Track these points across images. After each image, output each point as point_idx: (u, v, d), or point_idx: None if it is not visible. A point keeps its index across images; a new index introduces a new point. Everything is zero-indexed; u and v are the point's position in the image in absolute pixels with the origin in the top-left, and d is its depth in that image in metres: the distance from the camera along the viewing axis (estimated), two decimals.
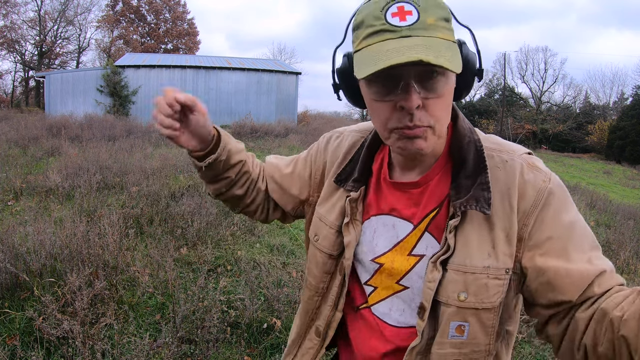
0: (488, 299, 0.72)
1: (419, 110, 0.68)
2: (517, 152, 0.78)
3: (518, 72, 38.07)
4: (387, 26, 0.65)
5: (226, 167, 0.92)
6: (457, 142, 0.78)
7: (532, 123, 31.56)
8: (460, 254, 0.73)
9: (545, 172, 0.75)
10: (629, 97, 30.69)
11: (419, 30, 0.64)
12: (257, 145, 12.22)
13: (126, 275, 3.11)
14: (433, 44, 0.64)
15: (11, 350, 2.21)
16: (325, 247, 0.88)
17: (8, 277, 2.71)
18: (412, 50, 0.62)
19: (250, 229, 4.47)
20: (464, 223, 0.73)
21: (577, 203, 6.87)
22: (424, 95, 0.67)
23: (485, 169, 0.74)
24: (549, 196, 0.72)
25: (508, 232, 0.72)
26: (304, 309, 0.94)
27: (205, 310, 2.63)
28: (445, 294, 0.73)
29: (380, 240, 0.83)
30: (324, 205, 0.91)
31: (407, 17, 0.65)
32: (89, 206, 4.61)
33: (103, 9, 36.37)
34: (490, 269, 0.71)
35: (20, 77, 33.97)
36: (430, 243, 0.77)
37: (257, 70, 20.69)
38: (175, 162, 7.17)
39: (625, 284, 0.72)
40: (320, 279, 0.90)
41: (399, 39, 0.64)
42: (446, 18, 0.67)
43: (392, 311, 0.82)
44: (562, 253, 0.70)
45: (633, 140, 23.80)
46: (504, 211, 0.72)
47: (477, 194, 0.72)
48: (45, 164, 6.90)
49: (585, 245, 0.72)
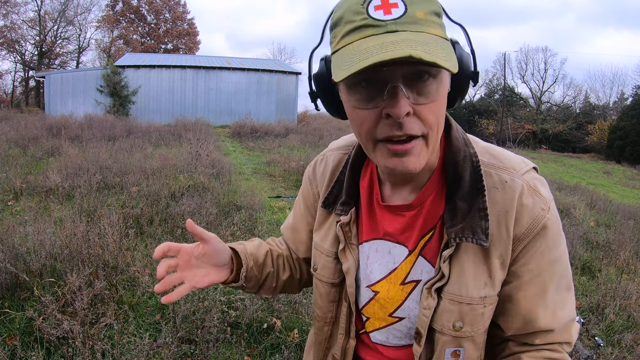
0: (483, 325, 0.71)
1: (408, 118, 0.59)
2: (519, 171, 0.70)
3: (518, 72, 38.09)
4: (370, 21, 0.56)
5: (259, 267, 0.89)
6: (452, 157, 0.70)
7: (532, 123, 31.56)
8: (456, 283, 0.68)
9: (546, 198, 0.69)
10: (629, 97, 30.67)
11: (407, 25, 0.55)
12: (257, 145, 12.22)
13: (126, 275, 3.10)
14: (424, 39, 0.54)
15: (11, 350, 2.21)
16: (325, 277, 0.83)
17: (8, 277, 2.71)
18: (399, 46, 0.52)
19: (250, 229, 4.47)
20: (459, 251, 0.68)
21: (577, 203, 6.88)
22: (415, 101, 0.58)
23: (483, 191, 0.67)
24: (543, 229, 0.67)
25: (504, 258, 0.68)
26: (317, 340, 0.89)
27: (206, 310, 2.63)
28: (440, 323, 0.70)
29: (375, 267, 0.77)
30: (319, 233, 0.85)
31: (392, 9, 0.56)
32: (89, 206, 4.61)
33: (103, 9, 36.46)
34: (487, 298, 0.69)
35: (20, 77, 34.02)
36: (425, 267, 0.73)
37: (257, 70, 20.70)
38: (175, 162, 7.17)
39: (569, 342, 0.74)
40: (327, 308, 0.85)
41: (383, 35, 0.55)
42: (437, 12, 0.59)
43: (389, 339, 0.80)
44: (540, 293, 0.69)
45: (633, 140, 23.78)
46: (500, 237, 0.67)
47: (474, 224, 0.66)
48: (45, 164, 6.90)
49: (563, 285, 0.71)
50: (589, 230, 5.54)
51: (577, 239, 4.78)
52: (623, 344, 2.85)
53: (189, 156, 7.54)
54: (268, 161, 9.31)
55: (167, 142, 10.81)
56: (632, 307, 3.28)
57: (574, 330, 0.74)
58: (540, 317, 0.70)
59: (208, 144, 8.76)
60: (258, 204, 5.25)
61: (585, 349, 2.68)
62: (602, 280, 3.75)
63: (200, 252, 0.78)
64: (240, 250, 0.86)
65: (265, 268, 0.90)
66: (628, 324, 3.14)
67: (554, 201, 0.72)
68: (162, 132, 12.28)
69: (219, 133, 14.98)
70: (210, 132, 12.97)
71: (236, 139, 13.81)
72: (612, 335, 2.99)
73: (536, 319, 0.70)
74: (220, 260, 0.81)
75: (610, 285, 3.61)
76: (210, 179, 6.31)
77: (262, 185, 7.01)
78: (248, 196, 5.39)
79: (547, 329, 0.71)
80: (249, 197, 5.33)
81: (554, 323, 0.71)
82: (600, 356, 2.71)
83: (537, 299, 0.69)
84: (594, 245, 4.95)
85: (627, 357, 2.74)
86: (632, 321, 3.17)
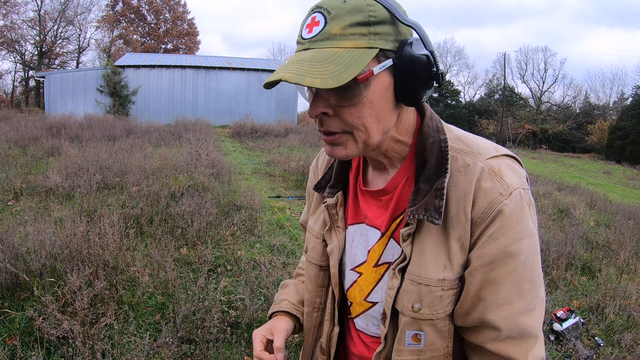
0: (442, 309, 0.70)
1: (328, 117, 0.66)
2: (485, 155, 0.70)
3: (518, 72, 38.11)
4: (299, 38, 0.65)
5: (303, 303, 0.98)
6: (421, 143, 0.73)
7: (532, 123, 31.58)
8: (416, 264, 0.70)
9: (509, 184, 0.67)
10: (629, 97, 30.71)
11: (318, 42, 0.62)
12: (257, 145, 12.22)
13: (126, 275, 3.10)
14: (320, 57, 0.60)
15: (11, 350, 2.21)
16: (313, 259, 0.88)
17: (8, 277, 2.71)
18: (287, 67, 0.61)
19: (250, 229, 4.47)
20: (421, 231, 0.70)
21: (577, 203, 6.88)
22: (337, 103, 0.64)
23: (445, 173, 0.68)
24: (499, 213, 0.65)
25: (463, 241, 0.68)
26: (306, 327, 0.94)
27: (206, 310, 2.63)
28: (401, 303, 0.72)
29: (359, 250, 0.82)
30: (313, 217, 0.91)
31: (313, 28, 0.63)
32: (89, 206, 4.61)
33: (103, 9, 36.48)
34: (446, 281, 0.69)
35: (20, 77, 34.05)
36: (396, 250, 0.75)
37: (257, 70, 20.70)
38: (175, 162, 7.17)
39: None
40: (315, 293, 0.89)
41: (300, 52, 0.64)
42: (362, 22, 0.61)
43: (369, 326, 0.83)
44: (491, 283, 0.67)
45: (633, 140, 23.81)
46: (458, 219, 0.67)
47: (428, 202, 0.67)
48: (45, 164, 6.90)
49: (526, 288, 0.67)
50: (589, 230, 5.55)
51: (577, 239, 4.78)
52: (623, 344, 2.85)
53: (188, 156, 7.54)
54: (268, 161, 9.30)
55: (167, 142, 10.80)
56: (632, 307, 3.28)
57: (531, 354, 0.68)
58: (488, 306, 0.67)
59: (208, 144, 8.76)
60: (258, 204, 5.25)
61: (585, 349, 2.68)
62: (602, 280, 3.75)
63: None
64: (290, 310, 0.96)
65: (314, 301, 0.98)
66: (628, 324, 3.14)
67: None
68: (162, 132, 12.28)
69: (219, 133, 14.98)
70: (210, 132, 12.97)
71: (236, 139, 13.81)
72: (612, 335, 2.99)
73: (485, 305, 0.67)
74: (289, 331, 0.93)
75: (610, 285, 3.61)
76: (210, 178, 6.31)
77: (262, 185, 7.01)
78: (248, 196, 5.39)
79: (494, 325, 0.67)
80: (248, 197, 5.33)
81: (507, 323, 0.67)
82: (600, 356, 2.71)
83: (487, 286, 0.67)
84: (594, 245, 4.95)
85: (627, 357, 2.74)
86: (632, 321, 3.17)
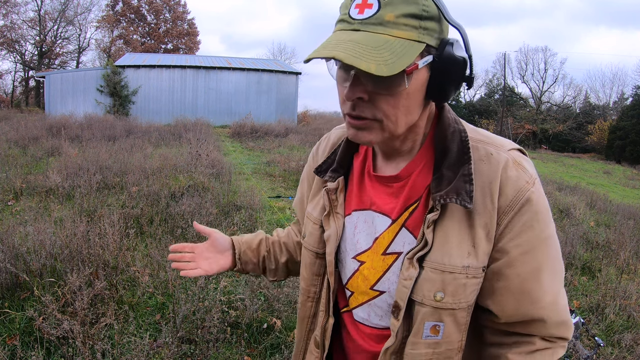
0: (465, 298, 0.69)
1: (363, 102, 0.66)
2: (506, 147, 0.72)
3: (518, 72, 38.07)
4: (346, 17, 0.64)
5: (253, 251, 1.04)
6: (441, 132, 0.73)
7: (532, 123, 31.55)
8: (439, 251, 0.68)
9: (531, 174, 0.70)
10: (629, 97, 30.66)
11: (371, 26, 0.61)
12: (257, 145, 12.22)
13: (126, 275, 3.10)
14: (373, 41, 0.60)
15: (11, 350, 2.21)
16: (310, 245, 0.85)
17: (8, 277, 2.71)
18: (339, 46, 0.60)
19: (250, 228, 4.47)
20: (444, 218, 0.69)
21: (577, 203, 6.88)
22: (374, 90, 0.64)
23: (469, 160, 0.69)
24: (528, 201, 0.67)
25: (489, 229, 0.68)
26: (300, 316, 0.91)
27: (206, 310, 2.63)
28: (421, 293, 0.69)
29: (362, 237, 0.79)
30: (312, 202, 0.89)
31: (365, 10, 0.62)
32: (89, 206, 4.61)
33: (103, 9, 36.39)
34: (470, 268, 0.68)
35: (20, 77, 34.00)
36: (407, 239, 0.73)
37: (257, 70, 20.70)
38: (175, 162, 7.17)
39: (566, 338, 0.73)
40: (310, 281, 0.86)
41: (349, 32, 0.63)
42: (415, 15, 0.61)
43: (371, 317, 0.79)
44: (533, 271, 0.68)
45: (633, 140, 23.79)
46: (485, 207, 0.68)
47: (459, 186, 0.67)
48: (45, 164, 6.90)
49: (558, 270, 0.70)
50: (589, 230, 5.55)
51: (577, 239, 4.78)
52: (623, 344, 2.85)
53: (188, 156, 7.54)
54: (268, 161, 9.30)
55: (167, 142, 10.80)
56: (632, 307, 3.28)
57: (570, 327, 0.72)
58: (535, 299, 0.68)
59: (208, 144, 8.76)
60: (258, 204, 5.24)
61: (585, 349, 2.68)
62: (602, 280, 3.75)
63: (209, 244, 1.00)
64: (234, 239, 1.03)
65: (260, 252, 1.04)
66: (628, 324, 3.14)
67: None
68: (162, 132, 12.27)
69: (219, 133, 14.98)
70: (210, 132, 12.98)
71: (236, 139, 13.80)
72: (612, 335, 2.99)
73: (530, 299, 0.68)
74: (222, 246, 1.01)
75: (610, 285, 3.61)
76: (210, 178, 6.31)
77: (262, 185, 7.01)
78: (248, 196, 5.39)
79: (541, 318, 0.69)
80: (248, 197, 5.33)
81: (551, 311, 0.69)
82: (600, 356, 2.71)
83: (530, 278, 0.68)
84: (594, 245, 4.95)
85: (627, 357, 2.74)
86: (632, 321, 3.17)
